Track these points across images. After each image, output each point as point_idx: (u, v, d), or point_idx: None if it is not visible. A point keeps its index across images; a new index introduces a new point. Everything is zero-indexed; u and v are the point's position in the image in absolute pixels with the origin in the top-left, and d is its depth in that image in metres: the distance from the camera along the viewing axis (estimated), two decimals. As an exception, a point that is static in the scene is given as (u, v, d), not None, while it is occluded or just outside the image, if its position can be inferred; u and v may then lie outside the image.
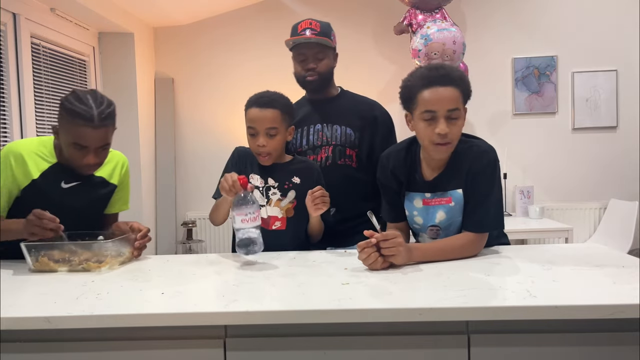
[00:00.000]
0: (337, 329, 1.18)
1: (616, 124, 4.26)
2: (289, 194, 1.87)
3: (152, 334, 1.18)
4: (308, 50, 2.10)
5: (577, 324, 1.15)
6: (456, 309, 1.13)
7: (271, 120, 1.81)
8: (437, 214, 1.66)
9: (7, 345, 1.19)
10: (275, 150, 1.85)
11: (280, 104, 1.84)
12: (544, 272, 1.40)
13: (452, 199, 1.64)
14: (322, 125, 2.13)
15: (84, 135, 1.63)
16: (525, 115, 4.30)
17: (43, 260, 1.58)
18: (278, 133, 1.83)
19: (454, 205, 1.64)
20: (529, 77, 4.28)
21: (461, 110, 1.57)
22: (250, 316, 1.15)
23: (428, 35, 3.65)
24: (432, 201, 1.67)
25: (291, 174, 1.90)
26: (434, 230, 1.69)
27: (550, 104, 4.28)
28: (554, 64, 4.26)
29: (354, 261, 1.59)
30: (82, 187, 1.80)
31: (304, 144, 2.14)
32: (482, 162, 1.61)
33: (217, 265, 1.62)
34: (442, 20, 3.79)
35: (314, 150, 2.12)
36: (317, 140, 2.13)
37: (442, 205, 1.65)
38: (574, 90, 4.25)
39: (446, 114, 1.54)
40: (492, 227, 1.65)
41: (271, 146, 1.83)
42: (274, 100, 1.84)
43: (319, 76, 2.12)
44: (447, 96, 1.54)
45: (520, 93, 4.29)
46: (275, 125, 1.82)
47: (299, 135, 2.15)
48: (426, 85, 1.56)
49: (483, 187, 1.61)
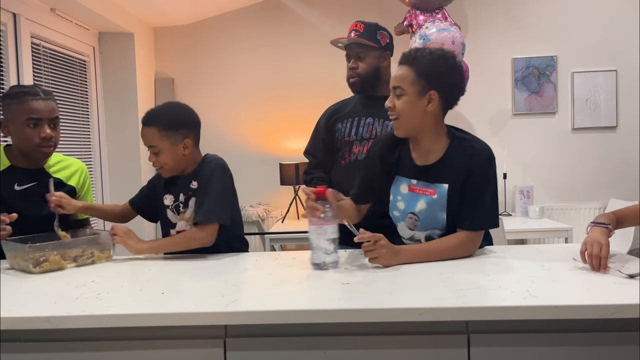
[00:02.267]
0: (337, 329, 1.18)
1: (616, 124, 4.26)
2: (189, 203, 1.83)
3: (152, 334, 1.19)
4: (350, 51, 2.19)
5: (577, 324, 1.15)
6: (456, 309, 1.13)
7: (149, 139, 1.78)
8: (418, 203, 1.66)
9: (7, 345, 1.19)
10: (165, 165, 1.80)
11: (158, 121, 1.77)
12: (544, 272, 1.40)
13: (436, 191, 1.63)
14: (373, 119, 2.16)
15: (36, 107, 1.74)
16: (525, 115, 4.30)
17: (54, 259, 1.60)
18: (160, 150, 1.77)
19: (436, 198, 1.63)
20: (529, 77, 4.28)
21: (404, 89, 1.59)
22: (250, 316, 1.15)
23: (426, 36, 3.65)
24: (416, 189, 1.67)
25: (190, 180, 1.84)
26: (412, 219, 1.68)
27: (550, 104, 4.29)
28: (554, 64, 4.26)
29: (354, 261, 1.59)
30: (36, 188, 1.82)
31: (353, 134, 2.18)
32: (478, 160, 1.61)
33: (217, 265, 1.62)
34: (441, 20, 3.79)
35: (361, 142, 2.16)
36: (366, 133, 2.16)
37: (425, 196, 1.65)
38: (574, 90, 4.25)
39: (393, 90, 1.63)
40: (488, 225, 1.64)
41: (160, 162, 1.80)
42: (152, 117, 1.79)
43: (359, 77, 2.17)
44: (397, 74, 1.61)
45: (520, 93, 4.29)
46: (154, 143, 1.77)
47: (349, 125, 2.19)
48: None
49: (479, 186, 1.61)
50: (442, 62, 1.59)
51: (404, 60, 1.62)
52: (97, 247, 1.73)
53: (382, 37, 2.18)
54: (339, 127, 2.23)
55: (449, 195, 1.61)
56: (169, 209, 1.87)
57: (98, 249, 1.73)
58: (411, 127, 1.62)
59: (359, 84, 2.19)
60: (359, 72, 2.17)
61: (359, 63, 2.16)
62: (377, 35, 2.17)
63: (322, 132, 2.29)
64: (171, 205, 1.87)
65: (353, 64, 2.18)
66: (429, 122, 1.61)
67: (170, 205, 1.87)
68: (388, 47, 2.21)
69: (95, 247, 1.73)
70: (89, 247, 1.72)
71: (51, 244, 1.63)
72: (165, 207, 1.88)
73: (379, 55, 2.18)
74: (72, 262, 1.66)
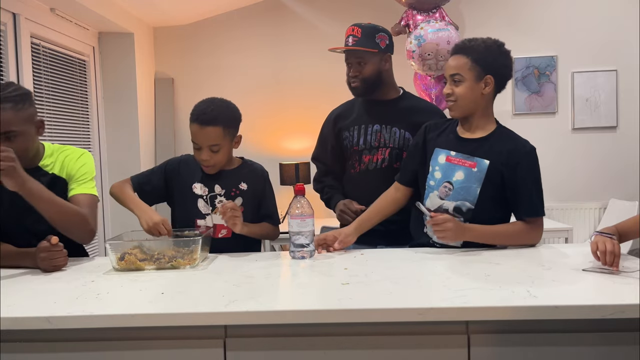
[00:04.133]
0: (337, 329, 1.18)
1: (616, 124, 4.26)
2: (235, 201, 1.84)
3: (152, 334, 1.19)
4: (350, 58, 2.12)
5: (577, 324, 1.15)
6: (456, 309, 1.13)
7: (213, 138, 1.78)
8: (456, 173, 1.73)
9: (7, 345, 1.19)
10: (219, 162, 1.84)
11: (222, 119, 1.80)
12: (544, 272, 1.40)
13: (476, 165, 1.71)
14: (380, 126, 2.11)
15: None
16: (525, 115, 4.30)
17: (130, 259, 1.57)
18: (221, 148, 1.80)
19: (475, 171, 1.71)
20: (529, 77, 4.28)
21: (463, 75, 1.71)
22: (250, 316, 1.15)
23: (421, 36, 3.65)
24: (454, 160, 1.75)
25: (238, 180, 1.88)
26: (446, 188, 1.74)
27: (550, 104, 4.28)
28: (554, 64, 4.26)
29: (354, 261, 1.60)
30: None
31: (361, 143, 2.13)
32: (524, 152, 1.73)
33: (217, 265, 1.62)
34: (437, 20, 3.78)
35: (370, 151, 2.12)
36: (375, 141, 2.12)
37: (464, 167, 1.72)
38: (574, 90, 4.25)
39: (449, 78, 1.75)
40: (543, 212, 1.73)
41: (215, 160, 1.81)
42: (215, 118, 1.78)
43: (362, 82, 2.11)
44: (453, 64, 1.74)
45: (520, 93, 4.29)
46: (217, 142, 1.79)
47: (356, 133, 2.15)
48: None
49: (531, 175, 1.71)
50: (494, 48, 1.74)
51: (458, 50, 1.74)
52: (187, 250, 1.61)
53: (381, 39, 2.11)
54: (346, 136, 2.18)
55: (488, 171, 1.70)
56: (203, 198, 1.86)
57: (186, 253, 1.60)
58: (468, 109, 1.75)
59: (361, 89, 2.13)
60: (362, 78, 2.10)
61: (360, 69, 2.09)
62: (376, 38, 2.09)
63: (330, 139, 2.24)
64: (205, 196, 1.86)
65: (354, 71, 2.11)
66: (482, 104, 1.76)
67: (205, 196, 1.86)
68: (388, 49, 2.14)
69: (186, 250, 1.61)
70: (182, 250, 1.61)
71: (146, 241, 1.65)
72: (196, 196, 1.86)
73: (380, 58, 2.10)
74: (153, 264, 1.58)
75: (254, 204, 1.90)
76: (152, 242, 1.66)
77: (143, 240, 1.66)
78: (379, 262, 1.57)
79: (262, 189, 1.92)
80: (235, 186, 1.88)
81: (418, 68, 3.78)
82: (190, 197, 1.87)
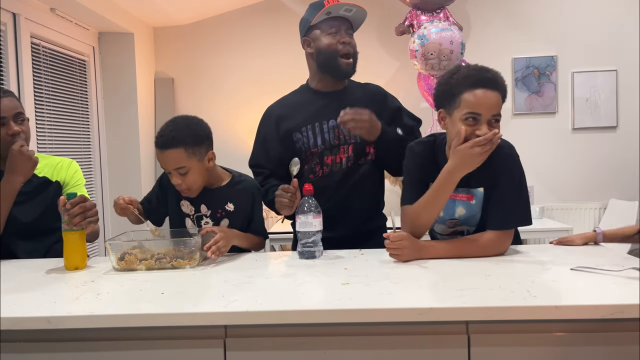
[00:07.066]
0: (337, 329, 1.18)
1: (616, 124, 4.26)
2: (221, 223, 1.78)
3: (152, 334, 1.18)
4: (340, 24, 1.85)
5: (577, 324, 1.15)
6: (456, 309, 1.13)
7: (176, 161, 1.67)
8: (457, 209, 1.68)
9: (7, 345, 1.19)
10: (194, 184, 1.72)
11: (182, 140, 1.67)
12: (544, 272, 1.40)
13: (473, 197, 1.65)
14: (336, 121, 1.84)
15: None
16: (525, 115, 4.30)
17: (130, 259, 1.56)
18: (189, 170, 1.68)
19: (474, 203, 1.65)
20: (529, 77, 4.28)
21: (500, 114, 1.56)
22: (250, 316, 1.15)
23: (424, 36, 3.65)
24: (457, 196, 1.65)
25: (225, 200, 1.79)
26: (453, 222, 1.70)
27: (550, 104, 4.29)
28: (554, 64, 4.26)
29: (354, 261, 1.59)
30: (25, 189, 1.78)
31: (319, 144, 1.89)
32: (500, 158, 1.60)
33: (217, 266, 1.62)
34: (440, 20, 3.78)
35: (332, 151, 1.89)
36: (334, 139, 1.89)
37: (463, 202, 1.66)
38: (574, 90, 4.25)
39: (490, 118, 1.53)
40: (517, 223, 1.63)
41: (187, 183, 1.70)
42: (173, 139, 1.66)
43: (354, 58, 1.87)
44: (494, 101, 1.53)
45: (520, 93, 4.29)
46: (182, 164, 1.67)
47: (311, 133, 1.90)
48: (471, 86, 1.53)
49: (503, 184, 1.60)
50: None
51: (494, 86, 1.54)
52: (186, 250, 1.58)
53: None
54: (298, 138, 1.91)
55: (484, 197, 1.63)
56: (190, 217, 1.81)
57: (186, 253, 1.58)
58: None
59: (353, 66, 1.87)
60: (353, 53, 1.84)
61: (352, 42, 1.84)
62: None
63: (274, 143, 1.95)
64: (192, 215, 1.80)
65: (347, 37, 1.83)
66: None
67: (191, 215, 1.80)
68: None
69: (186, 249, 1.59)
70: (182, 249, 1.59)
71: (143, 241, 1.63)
72: (183, 214, 1.81)
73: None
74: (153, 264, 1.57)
75: (242, 223, 1.81)
76: (152, 242, 1.66)
77: (143, 240, 1.66)
78: (379, 262, 1.57)
79: (251, 209, 1.81)
80: (222, 207, 1.79)
81: (421, 68, 3.79)
82: (179, 214, 1.82)
